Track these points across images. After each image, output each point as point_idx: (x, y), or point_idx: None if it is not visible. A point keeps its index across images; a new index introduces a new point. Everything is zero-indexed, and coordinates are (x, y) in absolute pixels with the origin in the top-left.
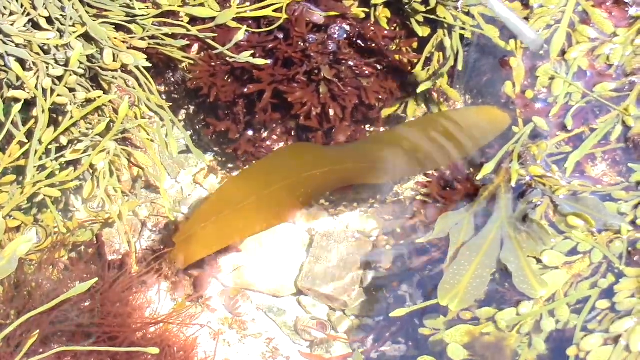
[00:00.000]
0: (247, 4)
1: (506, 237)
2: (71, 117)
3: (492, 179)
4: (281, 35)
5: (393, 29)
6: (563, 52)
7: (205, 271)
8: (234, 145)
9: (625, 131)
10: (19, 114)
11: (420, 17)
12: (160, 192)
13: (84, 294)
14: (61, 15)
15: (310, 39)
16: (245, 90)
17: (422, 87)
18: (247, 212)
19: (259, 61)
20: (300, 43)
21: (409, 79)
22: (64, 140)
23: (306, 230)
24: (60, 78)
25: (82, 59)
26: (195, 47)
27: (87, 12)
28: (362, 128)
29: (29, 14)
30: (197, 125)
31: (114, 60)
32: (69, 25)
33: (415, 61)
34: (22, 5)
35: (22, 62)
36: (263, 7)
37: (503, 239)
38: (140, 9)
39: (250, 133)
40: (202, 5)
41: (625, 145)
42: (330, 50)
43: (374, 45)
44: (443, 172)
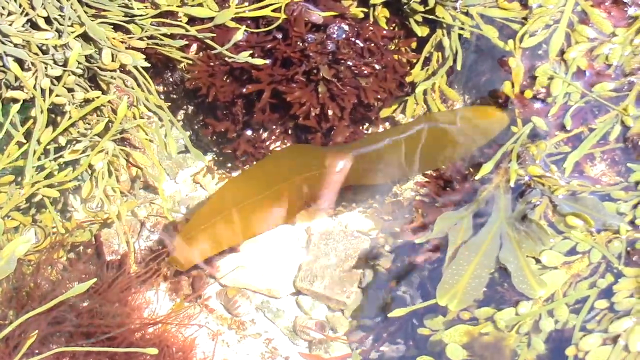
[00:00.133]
0: (246, 3)
1: (505, 237)
2: (70, 117)
3: (491, 179)
4: (280, 35)
5: (392, 28)
6: (562, 52)
7: (203, 271)
8: (232, 145)
9: (624, 131)
10: (17, 114)
11: (419, 17)
12: (159, 193)
13: (82, 294)
14: (59, 15)
15: (309, 39)
16: (244, 90)
17: (420, 87)
18: (247, 214)
19: (258, 61)
20: (299, 43)
21: (408, 79)
22: (62, 141)
23: (305, 230)
24: (58, 78)
25: (81, 59)
26: (193, 47)
27: (85, 12)
28: (360, 128)
29: (27, 14)
30: (196, 126)
31: (112, 60)
32: (68, 25)
33: (414, 61)
34: (20, 5)
35: (20, 62)
36: (262, 7)
37: (502, 239)
38: (138, 9)
39: (249, 133)
40: (200, 5)
41: (624, 145)
42: (329, 50)
43: (373, 45)
44: (442, 172)
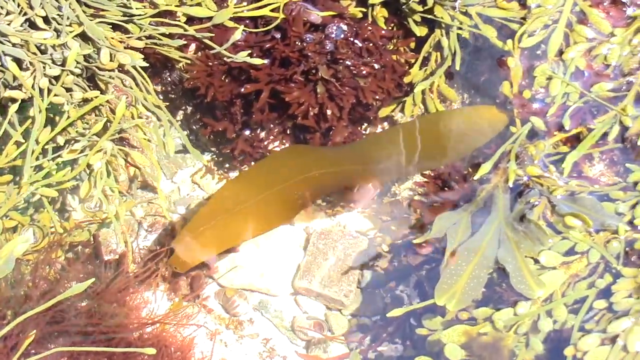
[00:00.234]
0: (244, 3)
1: (503, 237)
2: (68, 117)
3: (489, 179)
4: (278, 35)
5: (390, 28)
6: (560, 52)
7: (201, 271)
8: (231, 145)
9: (623, 131)
10: (15, 114)
11: (417, 17)
12: (157, 192)
13: (80, 294)
14: (58, 14)
15: (308, 39)
16: (243, 90)
17: (419, 86)
18: (246, 215)
19: (256, 61)
20: (297, 43)
21: (406, 79)
22: (60, 140)
23: (303, 230)
24: (57, 78)
25: (79, 58)
26: (192, 47)
27: (84, 11)
28: (359, 128)
29: (25, 14)
30: (194, 125)
31: (111, 60)
32: (66, 25)
33: (412, 61)
34: (18, 5)
35: (19, 61)
36: (260, 7)
37: (500, 239)
38: (137, 9)
39: (247, 133)
40: (199, 4)
41: (623, 145)
42: (328, 49)
43: (372, 44)
44: (440, 172)
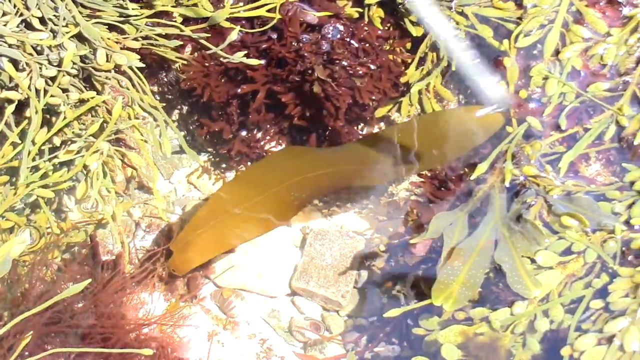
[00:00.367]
0: (241, 4)
1: (500, 237)
2: (64, 118)
3: (486, 179)
4: (275, 36)
5: (387, 28)
6: (557, 52)
7: (198, 272)
8: (227, 146)
9: (619, 131)
10: (12, 115)
11: (414, 17)
12: (154, 193)
13: (77, 295)
14: (54, 15)
15: (304, 39)
16: (239, 91)
17: (415, 87)
18: (243, 217)
19: (253, 61)
20: (293, 43)
21: (403, 79)
22: (57, 141)
23: (300, 230)
24: (53, 78)
25: (75, 59)
26: (188, 48)
27: (80, 12)
28: (355, 128)
29: (21, 14)
30: (191, 126)
31: (107, 61)
32: (62, 26)
33: (408, 61)
34: (15, 6)
35: (15, 62)
36: (256, 7)
37: (497, 239)
38: (133, 9)
39: (244, 133)
40: (195, 5)
41: (619, 145)
42: (324, 50)
43: (368, 45)
44: (437, 172)
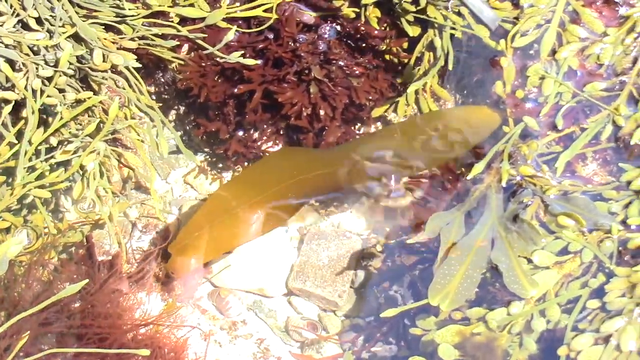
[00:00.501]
0: (237, 4)
1: (497, 237)
2: (61, 118)
3: (482, 179)
4: (271, 36)
5: (383, 28)
6: (553, 52)
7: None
8: (224, 146)
9: (616, 131)
10: (8, 115)
11: (410, 17)
12: (151, 193)
13: (74, 295)
14: (51, 15)
15: (301, 39)
16: (236, 91)
17: (412, 86)
18: (241, 219)
19: (249, 61)
20: (290, 43)
21: (400, 79)
22: (53, 141)
23: (297, 230)
24: (50, 79)
25: (72, 59)
26: (185, 48)
27: (76, 12)
28: (352, 128)
29: (18, 15)
30: (188, 126)
31: (103, 61)
32: (59, 26)
33: (405, 61)
34: (11, 6)
35: (11, 62)
36: (253, 7)
37: (494, 238)
38: (130, 10)
39: (240, 133)
40: (192, 5)
41: (616, 145)
42: (321, 50)
43: (365, 45)
44: (434, 172)
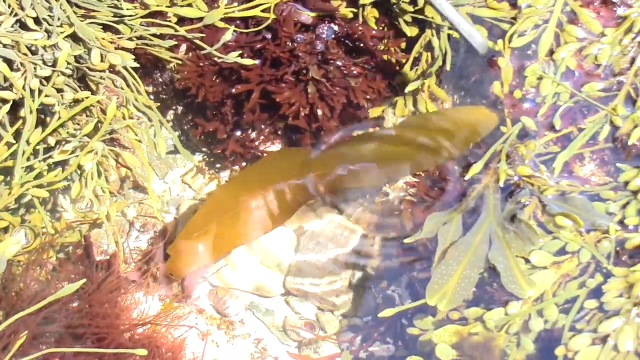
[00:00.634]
0: (235, 4)
1: (494, 237)
2: (59, 118)
3: (480, 179)
4: (269, 35)
5: (381, 28)
6: (551, 52)
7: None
8: (222, 146)
9: (613, 131)
10: (6, 115)
11: (408, 17)
12: (148, 193)
13: (72, 295)
14: (49, 15)
15: (298, 39)
16: (234, 91)
17: (410, 87)
18: (239, 220)
19: (247, 61)
20: (288, 43)
21: (397, 79)
22: (51, 141)
23: (294, 230)
24: (47, 78)
25: (70, 59)
26: (183, 48)
27: (74, 12)
28: (350, 128)
29: (16, 14)
30: (185, 126)
31: (101, 61)
32: (57, 26)
33: (403, 61)
34: (9, 6)
35: (9, 62)
36: (251, 7)
37: (491, 238)
38: (128, 10)
39: (238, 133)
40: (190, 5)
41: (614, 145)
42: (318, 50)
43: (362, 45)
44: (431, 172)
